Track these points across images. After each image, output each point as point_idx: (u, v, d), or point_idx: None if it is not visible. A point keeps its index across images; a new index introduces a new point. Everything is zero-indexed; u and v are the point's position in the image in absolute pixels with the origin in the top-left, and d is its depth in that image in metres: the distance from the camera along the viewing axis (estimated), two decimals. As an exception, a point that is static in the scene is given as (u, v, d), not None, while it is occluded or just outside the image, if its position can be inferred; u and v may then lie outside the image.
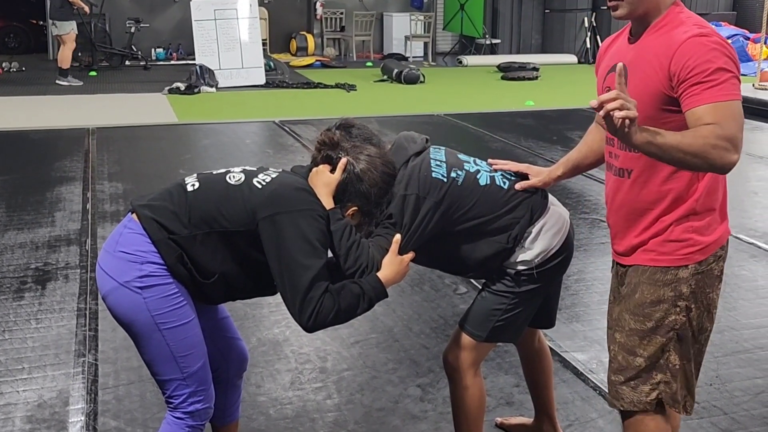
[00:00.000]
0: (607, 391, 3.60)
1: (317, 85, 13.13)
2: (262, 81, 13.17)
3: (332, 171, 2.52)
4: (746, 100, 10.74)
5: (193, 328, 2.45)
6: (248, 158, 8.16)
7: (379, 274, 2.47)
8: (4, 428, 3.25)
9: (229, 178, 2.50)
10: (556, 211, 2.82)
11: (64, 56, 12.49)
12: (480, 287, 2.84)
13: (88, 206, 6.25)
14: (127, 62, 15.15)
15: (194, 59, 13.09)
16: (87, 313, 4.33)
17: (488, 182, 2.72)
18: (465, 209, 2.64)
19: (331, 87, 13.05)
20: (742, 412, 3.49)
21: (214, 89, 12.46)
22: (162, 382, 2.49)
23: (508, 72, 14.73)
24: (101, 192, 6.65)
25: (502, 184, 2.75)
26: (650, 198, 2.45)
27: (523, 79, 14.46)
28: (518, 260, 2.71)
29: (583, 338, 4.15)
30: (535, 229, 2.71)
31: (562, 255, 2.77)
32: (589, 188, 7.01)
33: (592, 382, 3.71)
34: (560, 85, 14.01)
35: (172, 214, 2.42)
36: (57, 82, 12.44)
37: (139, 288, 2.36)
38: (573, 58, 17.56)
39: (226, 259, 2.44)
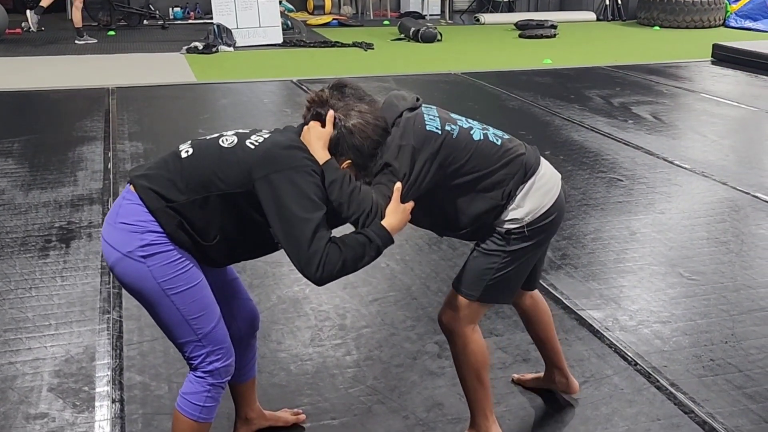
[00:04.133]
0: (622, 348, 3.66)
1: (334, 44, 13.09)
2: (280, 40, 13.14)
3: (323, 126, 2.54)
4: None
5: (202, 290, 2.50)
6: (266, 117, 8.19)
7: (383, 222, 2.51)
8: (33, 382, 3.34)
9: (222, 141, 2.53)
10: (549, 170, 2.83)
11: (76, 17, 12.54)
12: (472, 248, 2.86)
13: (110, 166, 6.31)
14: (145, 22, 15.13)
15: (212, 18, 13.07)
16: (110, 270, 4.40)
17: (481, 137, 2.73)
18: (461, 162, 2.65)
19: (349, 46, 13.01)
20: (757, 370, 3.53)
21: (231, 48, 12.46)
22: (179, 346, 2.55)
23: (525, 30, 14.62)
24: (122, 152, 6.71)
25: (495, 141, 2.76)
26: None
27: (541, 37, 14.35)
28: (509, 218, 2.72)
29: (599, 296, 4.20)
30: (526, 186, 2.72)
31: (553, 215, 2.78)
32: (606, 147, 7.01)
33: (608, 339, 3.76)
34: (578, 43, 13.90)
35: (168, 181, 2.45)
36: (76, 42, 12.50)
37: (142, 257, 2.41)
38: (592, 16, 17.40)
39: (225, 221, 2.48)
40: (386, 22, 16.32)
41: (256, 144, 2.49)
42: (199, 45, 12.17)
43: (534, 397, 3.32)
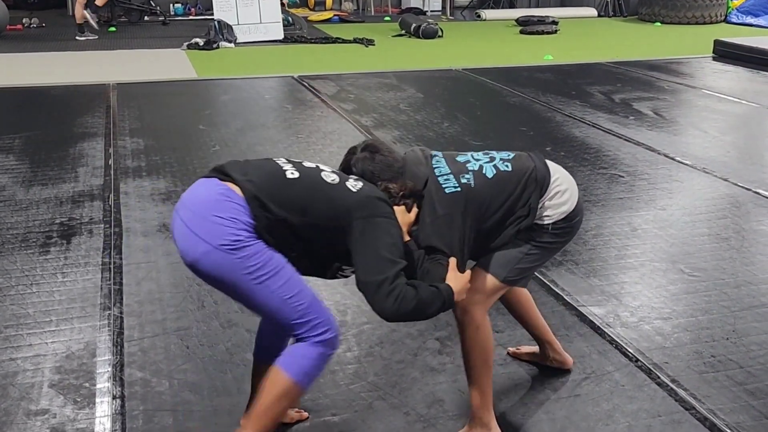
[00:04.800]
0: (624, 344, 3.66)
1: (335, 40, 13.09)
2: (281, 36, 13.14)
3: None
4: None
5: (290, 270, 2.59)
6: (267, 113, 8.19)
7: (450, 285, 2.67)
8: (34, 378, 3.34)
9: (324, 176, 2.67)
10: (562, 174, 2.99)
11: (78, 12, 12.55)
12: None
13: (111, 162, 6.31)
14: (145, 17, 15.13)
15: (212, 14, 13.06)
16: (111, 267, 4.40)
17: (494, 172, 2.89)
18: (487, 205, 2.84)
19: (350, 42, 13.01)
20: (758, 366, 3.53)
21: (232, 45, 12.46)
22: (285, 327, 2.64)
23: (526, 26, 14.62)
24: (123, 148, 6.71)
25: (506, 168, 2.91)
26: None
27: (542, 33, 14.34)
28: (536, 222, 2.91)
29: (600, 293, 4.19)
30: (547, 196, 2.90)
31: (577, 217, 2.97)
32: (607, 143, 7.00)
33: (609, 336, 3.76)
34: (579, 39, 13.90)
35: (271, 195, 2.56)
36: (76, 38, 12.51)
37: (233, 249, 2.49)
38: (593, 12, 17.39)
39: (300, 245, 2.61)
40: (387, 18, 16.32)
41: (357, 188, 2.66)
42: (200, 41, 12.17)
43: (535, 393, 3.32)
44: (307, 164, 2.74)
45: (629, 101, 8.75)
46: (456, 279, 2.69)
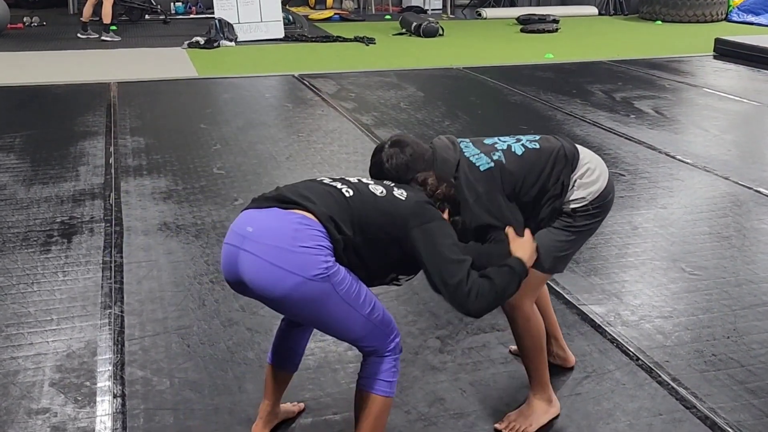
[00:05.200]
0: (624, 343, 3.66)
1: (336, 39, 13.09)
2: (281, 35, 13.14)
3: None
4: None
5: (361, 284, 2.59)
6: (268, 112, 8.19)
7: (518, 255, 2.70)
8: (35, 377, 3.34)
9: (373, 189, 2.66)
10: (589, 154, 3.03)
11: (106, 11, 12.48)
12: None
13: (111, 161, 6.31)
14: (146, 16, 15.13)
15: (213, 13, 13.06)
16: (112, 266, 4.40)
17: (523, 150, 2.94)
18: (521, 181, 2.88)
19: (350, 40, 13.01)
20: (759, 365, 3.52)
21: (233, 43, 12.46)
22: (364, 342, 2.63)
23: (527, 24, 14.61)
24: (124, 146, 6.71)
25: (534, 146, 2.96)
26: None
27: (543, 31, 14.33)
28: (572, 199, 2.93)
29: (601, 291, 4.19)
30: (578, 173, 2.94)
31: (610, 194, 3.01)
32: (608, 142, 7.00)
33: (610, 334, 3.75)
34: (580, 38, 13.89)
35: (341, 215, 2.54)
36: (102, 39, 12.46)
37: (327, 276, 2.45)
38: (594, 10, 17.38)
39: (368, 258, 2.60)
40: (388, 17, 16.31)
41: (405, 197, 2.65)
42: (201, 40, 12.17)
43: (536, 392, 3.32)
44: (350, 179, 2.71)
45: (630, 100, 8.75)
46: (521, 246, 2.72)
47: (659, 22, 15.86)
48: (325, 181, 2.68)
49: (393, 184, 2.73)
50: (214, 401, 3.20)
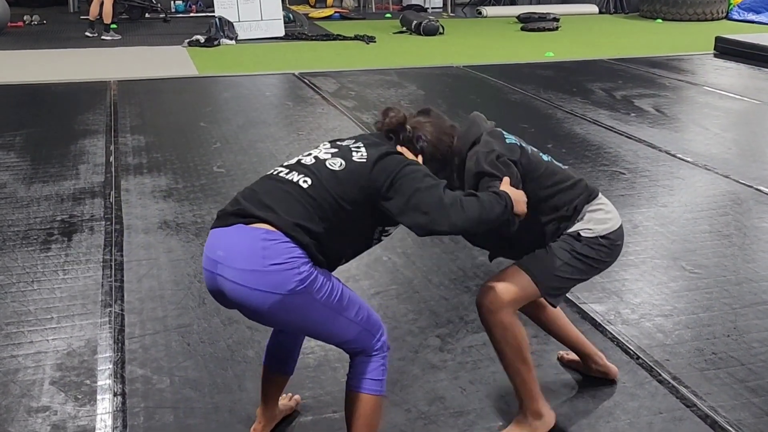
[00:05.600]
0: (624, 341, 3.65)
1: (336, 37, 13.08)
2: (282, 33, 13.14)
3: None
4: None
5: (344, 287, 2.58)
6: (268, 110, 8.19)
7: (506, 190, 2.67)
8: (35, 375, 3.34)
9: (330, 165, 2.58)
10: (611, 204, 3.01)
11: (107, 11, 12.47)
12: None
13: (112, 159, 6.31)
14: (146, 15, 15.13)
15: (213, 11, 13.07)
16: (112, 264, 4.40)
17: (549, 159, 2.97)
18: (537, 175, 2.86)
19: (350, 39, 13.01)
20: (759, 363, 3.52)
21: (233, 42, 12.46)
22: (351, 344, 2.61)
23: (527, 23, 14.61)
24: (124, 145, 6.71)
25: (560, 165, 2.99)
26: None
27: (543, 29, 14.33)
28: (580, 226, 2.89)
29: (601, 290, 4.19)
30: (593, 205, 2.93)
31: (619, 241, 2.96)
32: (609, 140, 6.99)
33: (610, 333, 3.75)
34: (580, 36, 13.88)
35: (306, 213, 2.48)
36: (102, 38, 12.45)
37: (303, 288, 2.41)
38: (594, 8, 17.37)
39: (352, 241, 2.61)
40: (388, 15, 16.31)
41: (365, 158, 2.59)
42: (201, 38, 12.17)
43: (536, 390, 3.32)
44: (306, 161, 2.64)
45: (630, 98, 8.74)
46: (512, 191, 2.68)
47: (660, 21, 15.86)
48: (281, 176, 2.59)
49: (352, 144, 2.66)
50: (214, 399, 3.20)
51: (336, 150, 2.65)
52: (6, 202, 5.31)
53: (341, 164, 2.58)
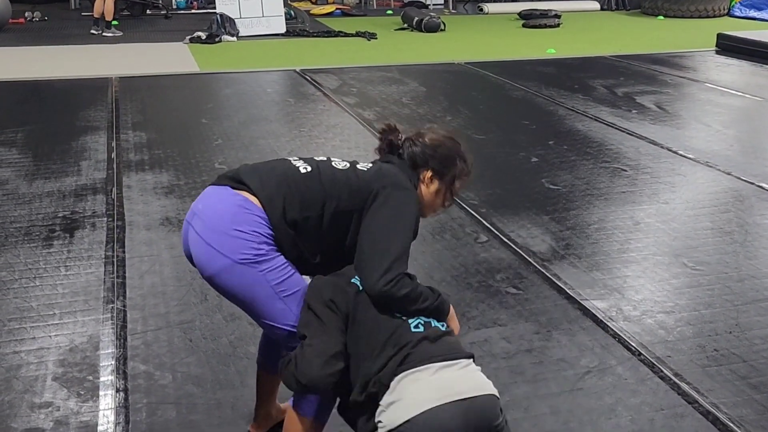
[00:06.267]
0: (626, 338, 3.66)
1: (338, 34, 13.07)
2: (283, 30, 13.12)
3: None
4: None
5: (298, 280, 2.54)
6: (269, 107, 8.19)
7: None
8: (38, 371, 3.34)
9: (334, 163, 2.63)
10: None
11: (108, 8, 12.46)
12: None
13: (113, 155, 6.31)
14: (147, 11, 15.12)
15: (215, 8, 13.05)
16: (114, 260, 4.41)
17: None
18: None
19: (352, 35, 13.00)
20: (761, 360, 3.53)
21: (235, 38, 12.44)
22: (280, 332, 2.54)
23: (529, 19, 14.59)
24: (126, 141, 6.71)
25: None
26: None
27: (545, 26, 14.32)
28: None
29: (602, 286, 4.19)
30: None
31: None
32: (610, 137, 6.99)
33: (612, 329, 3.75)
34: (582, 33, 13.87)
35: (289, 196, 2.50)
36: (104, 34, 12.44)
37: (255, 263, 2.43)
38: (596, 5, 17.35)
39: (330, 239, 2.55)
40: (389, 12, 16.29)
41: (367, 168, 2.62)
42: (202, 35, 12.16)
43: (538, 387, 3.32)
44: (317, 158, 2.69)
45: (632, 95, 8.74)
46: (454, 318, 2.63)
47: (661, 18, 15.84)
48: (290, 159, 2.66)
49: (359, 162, 2.68)
50: (217, 396, 3.20)
51: (347, 161, 2.70)
52: (8, 199, 5.32)
53: (345, 165, 2.62)
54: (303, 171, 2.57)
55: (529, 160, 6.25)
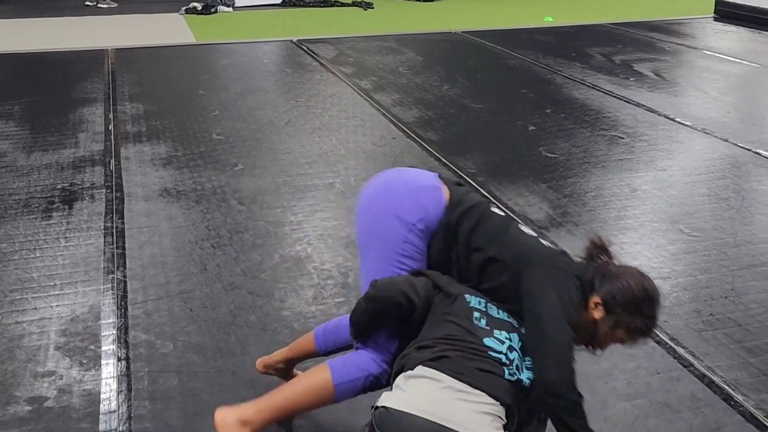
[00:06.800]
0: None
1: (334, 3, 13.01)
2: (279, 0, 13.06)
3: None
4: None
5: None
6: (266, 77, 8.17)
7: None
8: (40, 341, 3.37)
9: (523, 227, 2.68)
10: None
11: None
12: None
13: (111, 127, 6.31)
14: (142, -18, 15.03)
15: (210, -22, 12.99)
16: (114, 231, 4.42)
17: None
18: None
19: (348, 5, 12.94)
20: (756, 324, 3.56)
21: (230, 9, 12.39)
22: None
23: (527, -13, 14.52)
24: (123, 113, 6.70)
25: None
26: None
27: (543, -6, 14.26)
28: None
29: (600, 253, 4.21)
30: None
31: None
32: (608, 105, 6.99)
33: (609, 295, 3.78)
34: (580, 0, 13.80)
35: (468, 216, 2.62)
36: (99, 5, 12.39)
37: (409, 227, 2.58)
38: (593, -27, 17.25)
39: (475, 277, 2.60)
40: (386, -19, 16.20)
41: (547, 245, 2.63)
42: (198, 5, 12.11)
43: (535, 352, 3.35)
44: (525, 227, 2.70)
45: (629, 62, 8.72)
46: None
47: (659, -16, 15.77)
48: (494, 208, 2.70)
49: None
50: (217, 363, 3.23)
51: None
52: (6, 171, 5.32)
53: (530, 232, 2.65)
54: (494, 209, 2.67)
55: (526, 128, 6.26)
